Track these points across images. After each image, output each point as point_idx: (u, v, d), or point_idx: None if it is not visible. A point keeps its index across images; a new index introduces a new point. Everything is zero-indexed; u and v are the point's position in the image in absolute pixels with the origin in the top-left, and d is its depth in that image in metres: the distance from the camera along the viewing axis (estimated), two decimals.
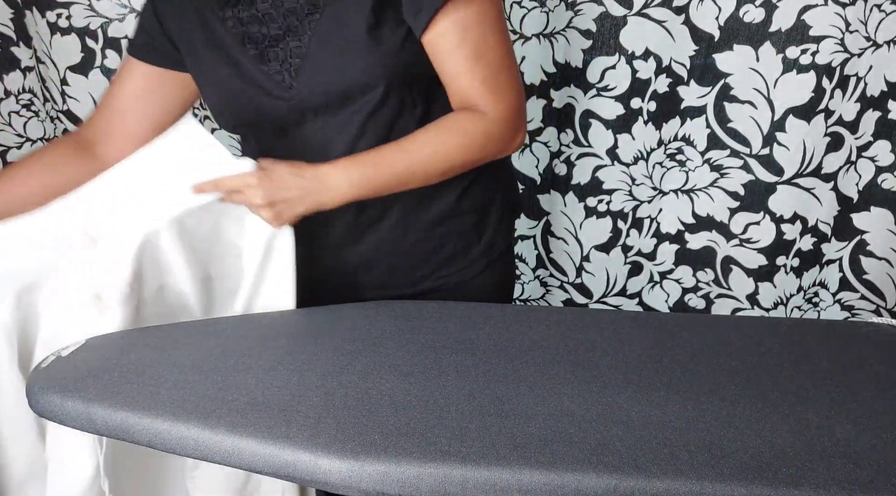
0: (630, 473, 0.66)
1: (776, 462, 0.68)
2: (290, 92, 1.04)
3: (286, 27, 1.02)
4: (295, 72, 1.03)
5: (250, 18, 1.03)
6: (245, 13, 1.03)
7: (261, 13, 1.03)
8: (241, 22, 1.04)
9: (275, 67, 1.04)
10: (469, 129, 1.03)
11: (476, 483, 0.67)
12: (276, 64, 1.04)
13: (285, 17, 1.02)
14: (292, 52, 1.03)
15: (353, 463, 0.68)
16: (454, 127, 1.02)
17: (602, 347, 0.92)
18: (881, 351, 0.93)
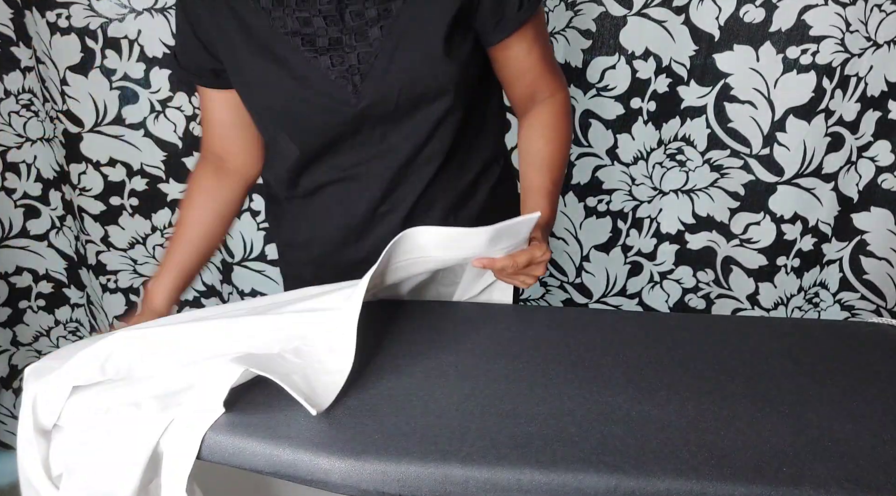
0: (630, 473, 0.66)
1: (776, 461, 0.68)
2: (356, 98, 1.01)
3: (352, 30, 0.99)
4: (362, 77, 1.00)
5: (308, 18, 0.99)
6: (302, 13, 0.99)
7: (323, 14, 0.99)
8: (296, 21, 1.00)
9: (338, 71, 1.01)
10: (565, 116, 1.13)
11: (477, 482, 0.66)
12: (340, 68, 1.01)
13: (352, 19, 0.99)
14: (360, 57, 1.00)
15: (353, 462, 0.68)
16: (559, 124, 1.12)
17: (602, 347, 0.91)
18: (881, 350, 0.93)
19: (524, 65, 1.09)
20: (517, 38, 1.06)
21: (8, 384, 2.03)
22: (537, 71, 1.10)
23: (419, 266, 0.94)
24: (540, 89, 1.12)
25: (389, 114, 1.03)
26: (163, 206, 1.83)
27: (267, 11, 1.00)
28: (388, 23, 0.99)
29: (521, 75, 1.11)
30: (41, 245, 1.91)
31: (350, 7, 0.98)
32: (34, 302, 1.97)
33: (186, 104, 1.72)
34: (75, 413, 0.77)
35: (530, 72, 1.10)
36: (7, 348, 2.00)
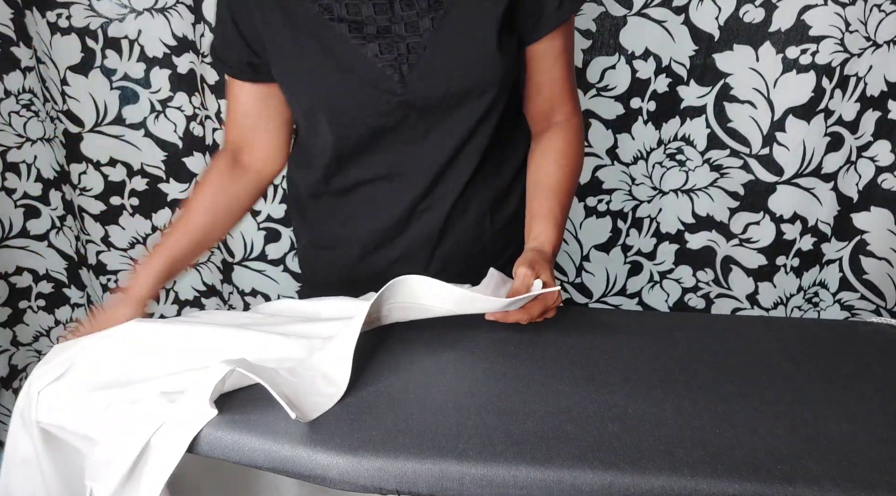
0: (625, 470, 0.66)
1: (770, 459, 0.68)
2: (403, 87, 1.00)
3: (402, 19, 0.99)
4: (410, 67, 1.00)
5: (357, 6, 0.99)
6: (351, 1, 0.99)
7: (373, 2, 0.99)
8: (345, 9, 0.99)
9: (386, 59, 1.00)
10: (579, 143, 1.13)
11: (473, 479, 0.67)
12: (388, 56, 0.99)
13: (402, 8, 0.99)
14: (410, 46, 0.99)
15: (350, 458, 0.68)
16: (572, 150, 1.11)
17: (600, 346, 0.92)
18: (879, 350, 0.93)
19: (548, 76, 1.09)
20: (549, 42, 1.06)
21: (8, 384, 2.03)
22: (559, 86, 1.10)
23: (414, 312, 0.93)
24: (557, 107, 1.12)
25: (434, 107, 1.02)
26: (163, 206, 1.83)
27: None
28: (439, 14, 0.99)
29: (542, 87, 1.11)
30: (41, 245, 1.91)
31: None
32: (34, 302, 1.97)
33: (186, 104, 1.72)
34: (77, 410, 0.77)
35: (552, 85, 1.10)
36: (7, 348, 2.00)
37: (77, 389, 0.77)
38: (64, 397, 0.77)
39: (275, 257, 1.85)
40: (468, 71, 1.01)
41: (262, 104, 1.12)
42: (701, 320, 1.05)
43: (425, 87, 1.00)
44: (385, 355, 0.87)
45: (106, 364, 0.80)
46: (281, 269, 1.87)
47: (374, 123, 1.04)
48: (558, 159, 1.09)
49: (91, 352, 0.81)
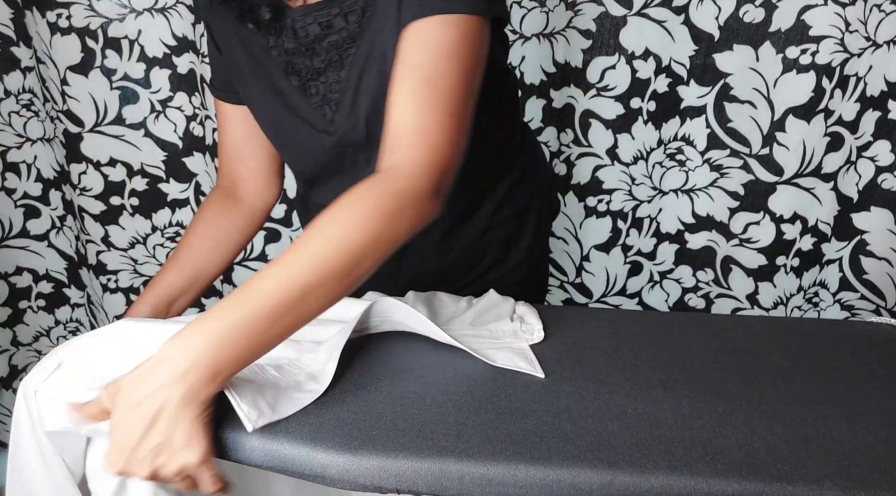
0: (625, 469, 0.66)
1: (770, 459, 0.68)
2: (332, 126, 1.00)
3: (328, 60, 0.97)
4: (335, 106, 0.99)
5: (294, 49, 0.98)
6: (289, 44, 0.98)
7: (303, 46, 0.97)
8: (285, 52, 0.99)
9: (316, 101, 1.00)
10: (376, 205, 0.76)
11: (472, 478, 0.67)
12: (317, 97, 0.99)
13: (327, 50, 0.96)
14: (331, 86, 0.98)
15: (350, 457, 0.68)
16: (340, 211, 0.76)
17: (600, 345, 0.92)
18: (879, 349, 0.93)
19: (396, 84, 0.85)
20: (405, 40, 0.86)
21: (8, 384, 2.03)
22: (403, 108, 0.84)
23: (401, 327, 0.93)
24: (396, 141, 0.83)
25: (365, 141, 0.99)
26: (163, 206, 1.83)
27: (265, 40, 1.00)
28: (350, 52, 0.96)
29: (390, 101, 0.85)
30: (41, 245, 1.91)
31: (330, 37, 0.96)
32: (34, 302, 1.97)
33: (186, 104, 1.72)
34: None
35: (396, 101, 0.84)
36: (7, 348, 2.00)
37: (75, 387, 0.77)
38: (62, 392, 0.77)
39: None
40: (383, 100, 0.89)
41: (250, 131, 1.11)
42: (699, 319, 1.04)
43: (348, 126, 0.98)
44: (385, 355, 0.87)
45: (101, 362, 0.80)
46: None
47: (321, 158, 1.04)
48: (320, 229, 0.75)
49: (84, 350, 0.81)
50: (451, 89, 0.84)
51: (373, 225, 0.75)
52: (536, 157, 1.26)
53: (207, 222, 1.14)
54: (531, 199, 1.19)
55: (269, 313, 0.69)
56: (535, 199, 1.20)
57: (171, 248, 1.89)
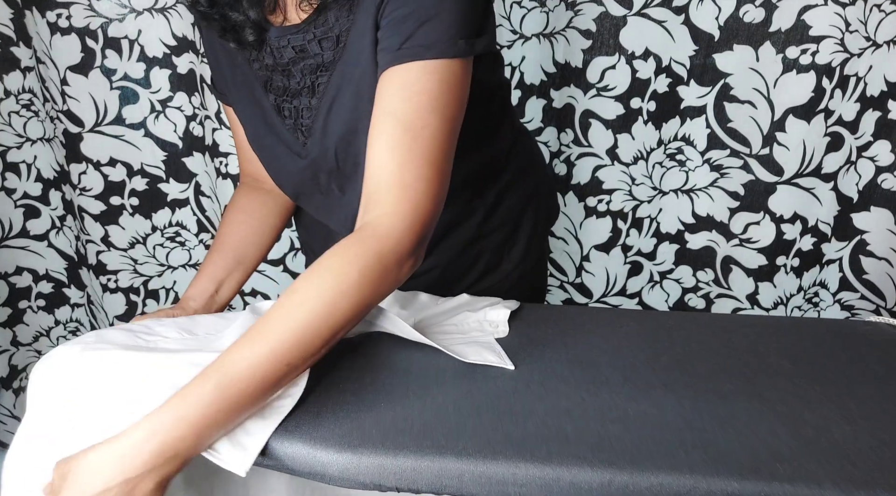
0: (625, 468, 0.66)
1: (772, 460, 0.68)
2: (304, 150, 0.98)
3: (303, 83, 0.94)
4: (307, 131, 0.97)
5: (273, 67, 0.95)
6: (269, 60, 0.95)
7: (280, 66, 0.94)
8: (265, 68, 0.96)
9: (289, 124, 0.98)
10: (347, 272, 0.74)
11: (472, 476, 0.67)
12: (290, 120, 0.98)
13: (302, 73, 0.93)
14: (302, 111, 0.96)
15: (350, 455, 0.68)
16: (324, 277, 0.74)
17: (600, 346, 0.92)
18: (879, 349, 0.93)
19: (374, 133, 0.82)
20: (382, 86, 0.83)
21: (8, 384, 2.03)
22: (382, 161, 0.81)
23: (375, 328, 0.92)
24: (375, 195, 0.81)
25: (336, 169, 0.97)
26: (163, 206, 1.83)
27: (248, 55, 0.97)
28: (324, 78, 0.92)
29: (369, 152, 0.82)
30: (41, 245, 1.91)
31: (304, 61, 0.92)
32: (34, 302, 1.97)
33: (186, 104, 1.72)
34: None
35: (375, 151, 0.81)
36: (7, 348, 2.00)
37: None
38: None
39: (274, 257, 1.85)
40: (352, 134, 0.92)
41: None
42: (700, 319, 1.04)
43: (319, 152, 0.97)
44: (385, 355, 0.87)
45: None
46: (281, 269, 1.87)
47: (296, 178, 1.04)
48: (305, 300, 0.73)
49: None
50: (433, 139, 0.81)
51: (359, 293, 0.74)
52: (531, 162, 1.21)
53: (240, 208, 1.13)
54: (525, 204, 1.16)
55: (253, 392, 0.69)
56: (529, 204, 1.17)
57: (171, 248, 1.89)
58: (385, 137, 0.80)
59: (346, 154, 0.94)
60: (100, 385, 0.75)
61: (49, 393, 0.77)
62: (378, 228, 0.78)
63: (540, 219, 1.20)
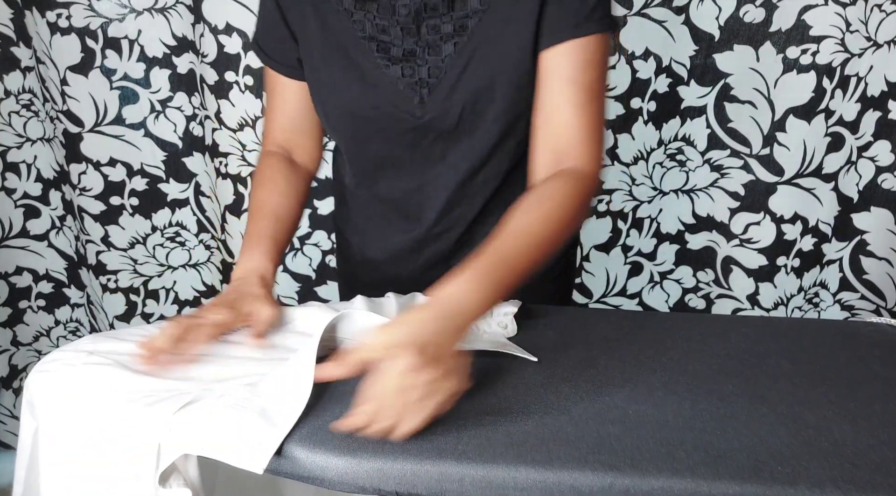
0: (626, 471, 0.66)
1: (772, 461, 0.67)
2: (421, 108, 0.99)
3: (426, 43, 0.97)
4: (430, 90, 0.98)
5: (386, 26, 0.97)
6: (381, 20, 0.97)
7: (400, 25, 0.97)
8: (375, 27, 0.98)
9: (407, 82, 0.99)
10: (576, 196, 0.93)
11: (472, 480, 0.66)
12: (409, 79, 0.98)
13: (427, 32, 0.96)
14: (430, 70, 0.98)
15: (349, 459, 0.68)
16: (561, 200, 0.92)
17: (600, 346, 0.92)
18: (880, 350, 0.93)
19: (557, 100, 0.95)
20: (558, 60, 0.95)
21: (8, 384, 2.03)
22: (571, 122, 0.95)
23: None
24: (567, 151, 0.96)
25: (451, 130, 1.01)
26: (163, 206, 1.83)
27: (348, 13, 0.99)
28: (462, 40, 0.96)
29: (550, 117, 0.96)
30: (41, 245, 1.91)
31: (428, 20, 0.96)
32: (34, 302, 1.97)
33: (186, 104, 1.72)
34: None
35: (561, 115, 0.95)
36: (7, 348, 2.00)
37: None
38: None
39: None
40: (485, 97, 0.98)
41: (308, 104, 1.09)
42: (700, 320, 1.04)
43: (441, 111, 0.99)
44: None
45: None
46: (281, 270, 1.87)
47: (394, 142, 1.04)
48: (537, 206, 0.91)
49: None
50: (602, 99, 0.98)
51: (578, 216, 0.94)
52: None
53: (282, 177, 1.10)
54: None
55: (523, 271, 0.84)
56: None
57: (171, 248, 1.89)
58: (572, 103, 0.95)
59: (472, 112, 0.99)
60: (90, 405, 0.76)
61: (45, 408, 0.77)
62: (582, 172, 0.95)
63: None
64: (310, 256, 1.84)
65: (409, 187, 1.09)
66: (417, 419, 0.70)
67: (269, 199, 1.07)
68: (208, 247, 1.91)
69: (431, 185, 1.07)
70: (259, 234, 1.02)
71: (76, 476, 0.75)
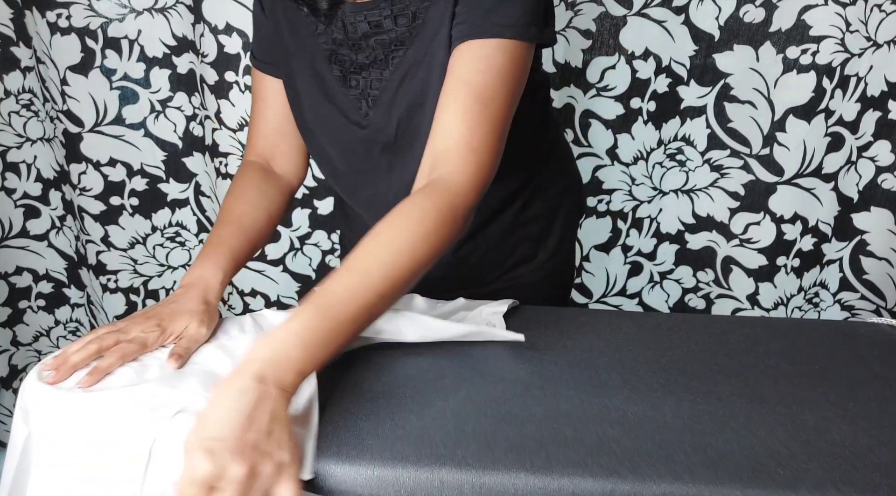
0: (626, 476, 0.66)
1: (772, 463, 0.67)
2: (366, 120, 1.02)
3: (373, 57, 1.00)
4: (373, 101, 1.01)
5: (342, 41, 1.00)
6: (339, 34, 1.00)
7: (350, 40, 0.99)
8: (332, 41, 1.01)
9: (354, 93, 1.02)
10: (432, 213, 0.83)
11: (472, 487, 0.66)
12: (356, 90, 1.02)
13: (373, 48, 0.99)
14: (371, 83, 1.00)
15: (348, 467, 0.68)
16: (419, 218, 0.83)
17: (599, 348, 0.91)
18: (879, 351, 0.93)
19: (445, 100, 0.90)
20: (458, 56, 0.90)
21: (8, 384, 2.03)
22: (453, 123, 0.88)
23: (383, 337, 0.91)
24: (443, 156, 0.88)
25: (393, 142, 1.02)
26: (163, 206, 1.83)
27: (314, 25, 1.02)
28: (399, 53, 0.98)
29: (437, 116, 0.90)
30: (41, 245, 1.91)
31: (377, 36, 0.98)
32: (34, 302, 1.97)
33: (186, 104, 1.72)
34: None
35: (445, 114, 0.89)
36: (7, 348, 2.00)
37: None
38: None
39: (274, 257, 1.85)
40: (418, 109, 0.97)
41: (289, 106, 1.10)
42: (700, 321, 1.04)
43: (381, 123, 1.00)
44: (382, 361, 0.87)
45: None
46: (280, 270, 1.87)
47: (347, 152, 1.06)
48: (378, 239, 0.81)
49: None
50: (499, 110, 0.90)
51: (436, 238, 0.82)
52: (567, 157, 1.28)
53: (255, 190, 1.08)
54: (561, 197, 1.20)
55: (351, 318, 0.74)
56: (565, 198, 1.21)
57: (171, 248, 1.89)
58: (457, 104, 0.88)
59: (407, 126, 0.99)
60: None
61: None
62: (449, 183, 0.86)
63: (573, 212, 1.25)
64: (310, 256, 1.84)
65: (370, 194, 1.09)
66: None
67: (236, 208, 1.05)
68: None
69: (392, 192, 1.06)
70: (217, 243, 0.99)
71: (71, 479, 0.75)
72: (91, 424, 0.74)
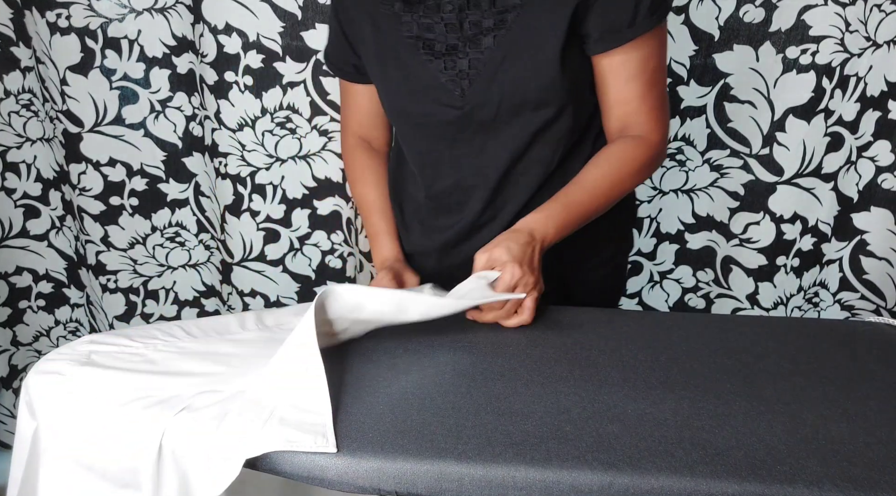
0: (624, 470, 0.66)
1: (770, 460, 0.68)
2: (462, 100, 1.07)
3: (467, 38, 1.04)
4: (470, 82, 1.05)
5: (431, 25, 1.05)
6: (427, 19, 1.05)
7: (444, 21, 1.04)
8: (420, 27, 1.06)
9: (449, 75, 1.06)
10: (637, 158, 1.07)
11: (472, 480, 0.67)
12: (451, 72, 1.06)
13: (469, 27, 1.03)
14: (471, 63, 1.05)
15: (349, 459, 0.68)
16: (624, 157, 1.07)
17: (600, 346, 0.92)
18: (878, 349, 0.93)
19: (620, 95, 1.07)
20: (618, 59, 1.04)
21: (8, 384, 2.03)
22: (633, 106, 1.07)
23: (371, 324, 0.92)
24: (631, 125, 1.08)
25: (490, 120, 1.07)
26: (163, 206, 1.83)
27: (398, 16, 1.07)
28: (500, 33, 1.02)
29: (614, 106, 1.08)
30: (41, 245, 1.91)
31: (470, 17, 1.03)
32: (34, 302, 1.97)
33: (186, 104, 1.72)
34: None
35: (625, 104, 1.07)
36: (7, 348, 2.00)
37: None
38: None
39: (274, 258, 1.85)
40: (521, 88, 1.04)
41: (376, 103, 1.22)
42: (699, 319, 1.04)
43: (481, 101, 1.06)
44: (383, 356, 0.87)
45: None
46: (280, 270, 1.87)
47: (434, 137, 1.12)
48: (604, 162, 1.08)
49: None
50: (664, 79, 1.10)
51: (639, 175, 1.10)
52: None
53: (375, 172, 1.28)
54: (632, 197, 1.31)
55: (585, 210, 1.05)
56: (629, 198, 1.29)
57: (171, 248, 1.89)
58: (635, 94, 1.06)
59: (511, 102, 1.06)
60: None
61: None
62: (648, 139, 1.08)
63: (630, 217, 1.34)
64: (309, 256, 1.84)
65: (448, 183, 1.17)
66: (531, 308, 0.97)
67: (370, 195, 1.28)
68: (208, 247, 1.91)
69: (472, 178, 1.14)
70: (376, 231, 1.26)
71: (77, 472, 0.75)
72: (92, 420, 0.74)
